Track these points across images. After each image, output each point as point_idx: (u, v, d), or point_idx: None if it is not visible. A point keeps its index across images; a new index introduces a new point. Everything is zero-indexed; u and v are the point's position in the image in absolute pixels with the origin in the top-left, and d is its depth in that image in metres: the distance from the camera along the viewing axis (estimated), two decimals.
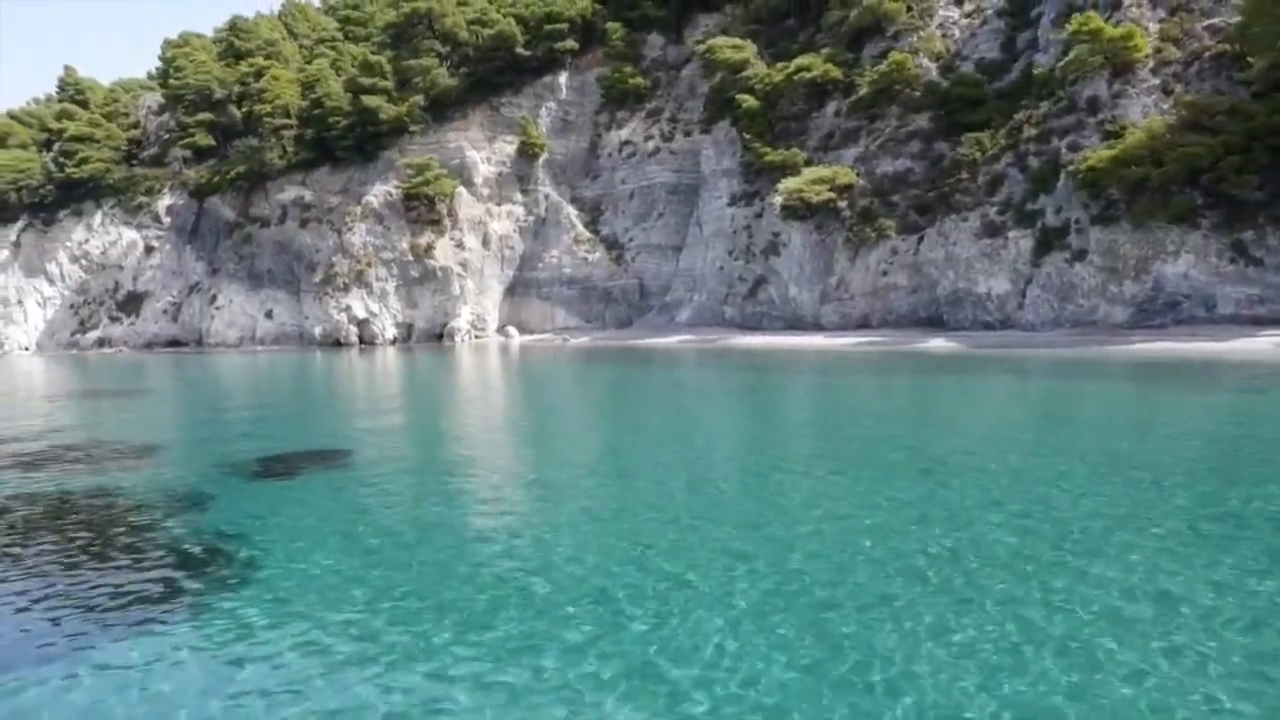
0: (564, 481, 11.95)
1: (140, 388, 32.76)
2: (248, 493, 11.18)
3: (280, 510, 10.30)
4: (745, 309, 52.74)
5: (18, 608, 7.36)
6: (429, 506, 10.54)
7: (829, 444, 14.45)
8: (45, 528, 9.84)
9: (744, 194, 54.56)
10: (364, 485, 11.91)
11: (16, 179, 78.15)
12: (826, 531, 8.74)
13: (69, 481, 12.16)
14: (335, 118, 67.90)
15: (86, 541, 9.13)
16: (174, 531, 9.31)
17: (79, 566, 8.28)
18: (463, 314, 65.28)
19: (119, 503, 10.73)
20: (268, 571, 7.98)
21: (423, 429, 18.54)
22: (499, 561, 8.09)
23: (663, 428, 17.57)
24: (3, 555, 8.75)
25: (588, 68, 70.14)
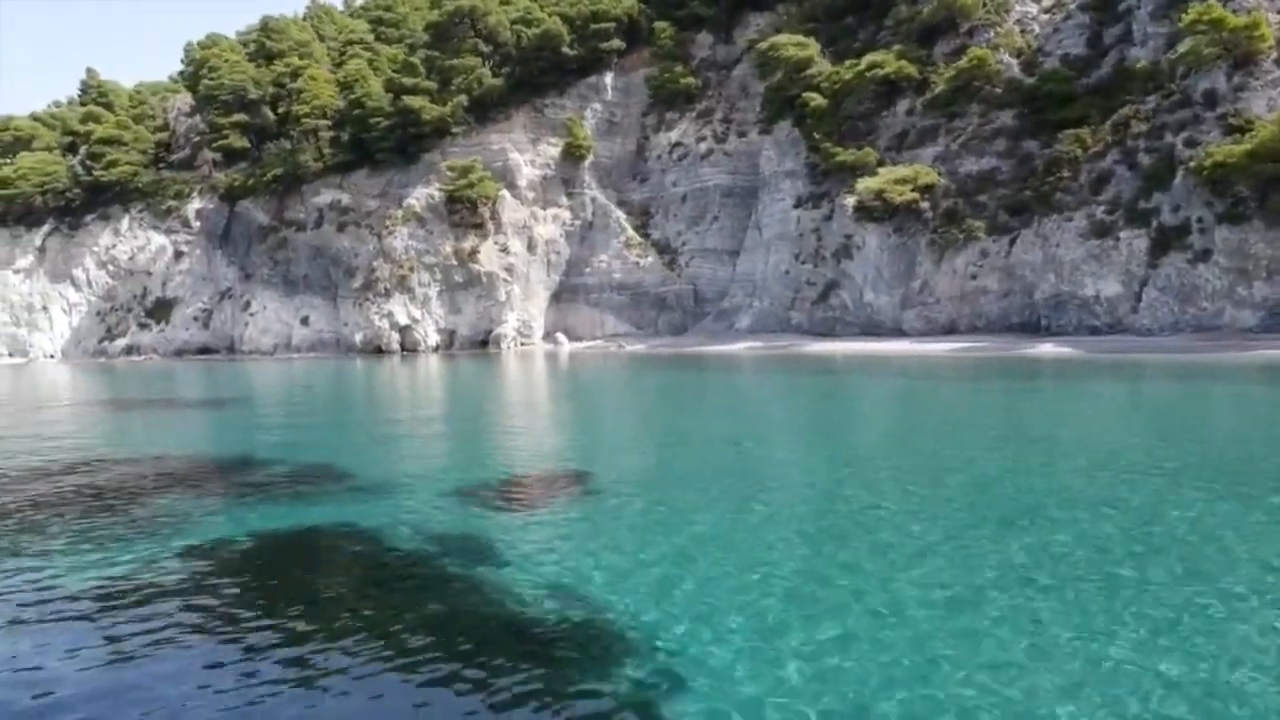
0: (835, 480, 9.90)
1: (221, 397, 30.28)
2: (553, 535, 8.89)
3: (625, 556, 7.89)
4: (815, 314, 50.72)
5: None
6: (792, 527, 8.45)
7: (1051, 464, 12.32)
8: (356, 590, 7.54)
9: (810, 196, 52.62)
10: (688, 512, 9.82)
11: (43, 182, 76.17)
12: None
13: (302, 515, 9.99)
14: (376, 118, 65.98)
15: (416, 611, 6.63)
16: (512, 601, 6.76)
17: (437, 658, 5.83)
18: (509, 321, 63.23)
19: (398, 549, 8.45)
20: (684, 661, 5.61)
21: (633, 442, 16.28)
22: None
23: (889, 441, 15.48)
24: (334, 636, 6.49)
25: (633, 68, 68.38)
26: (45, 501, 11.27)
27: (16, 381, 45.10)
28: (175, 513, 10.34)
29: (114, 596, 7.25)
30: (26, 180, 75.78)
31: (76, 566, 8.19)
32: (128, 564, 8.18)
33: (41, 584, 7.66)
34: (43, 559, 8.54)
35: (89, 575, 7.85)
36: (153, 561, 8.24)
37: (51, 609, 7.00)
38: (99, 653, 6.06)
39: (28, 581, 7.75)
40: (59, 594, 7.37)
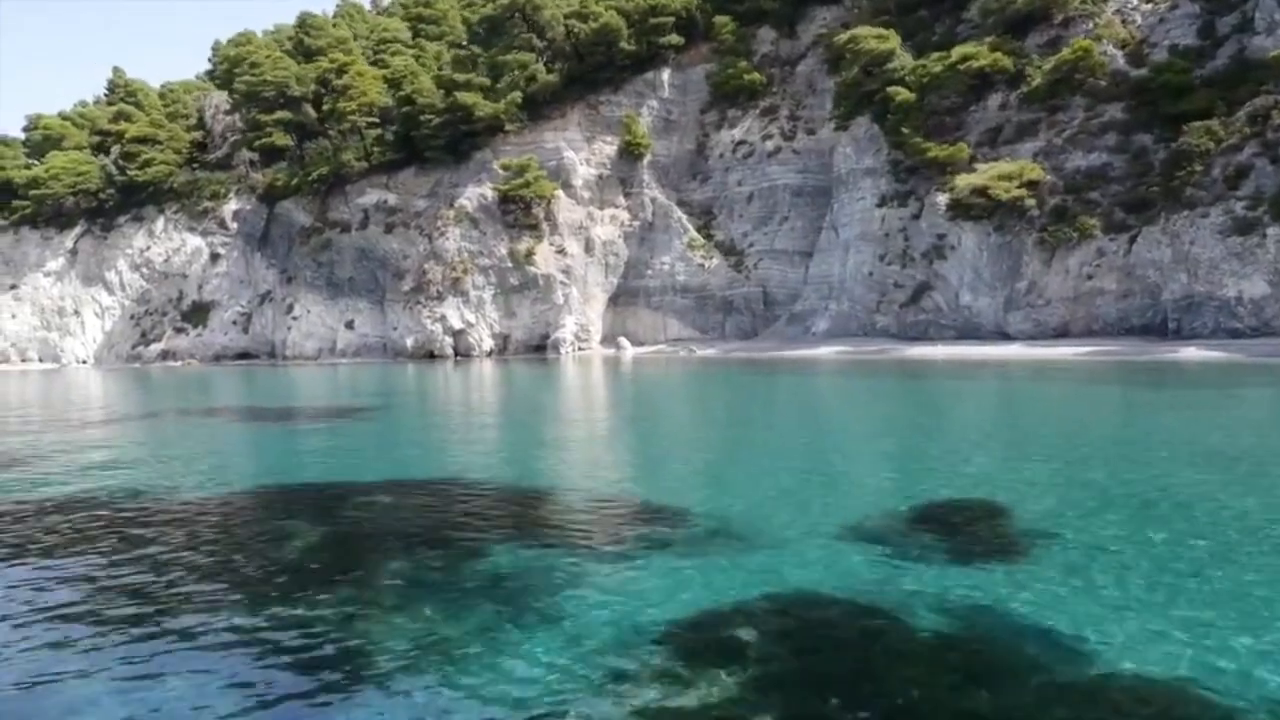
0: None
1: (349, 405, 27.30)
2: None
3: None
4: (904, 317, 48.49)
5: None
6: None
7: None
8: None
9: (895, 194, 50.43)
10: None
11: (75, 183, 73.84)
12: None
13: (750, 580, 7.67)
14: (427, 115, 63.73)
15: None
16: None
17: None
18: (567, 324, 60.90)
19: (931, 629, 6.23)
20: None
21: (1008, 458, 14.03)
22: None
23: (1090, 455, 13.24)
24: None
25: (690, 64, 66.24)
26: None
27: (66, 390, 42.69)
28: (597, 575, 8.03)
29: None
30: (59, 180, 73.48)
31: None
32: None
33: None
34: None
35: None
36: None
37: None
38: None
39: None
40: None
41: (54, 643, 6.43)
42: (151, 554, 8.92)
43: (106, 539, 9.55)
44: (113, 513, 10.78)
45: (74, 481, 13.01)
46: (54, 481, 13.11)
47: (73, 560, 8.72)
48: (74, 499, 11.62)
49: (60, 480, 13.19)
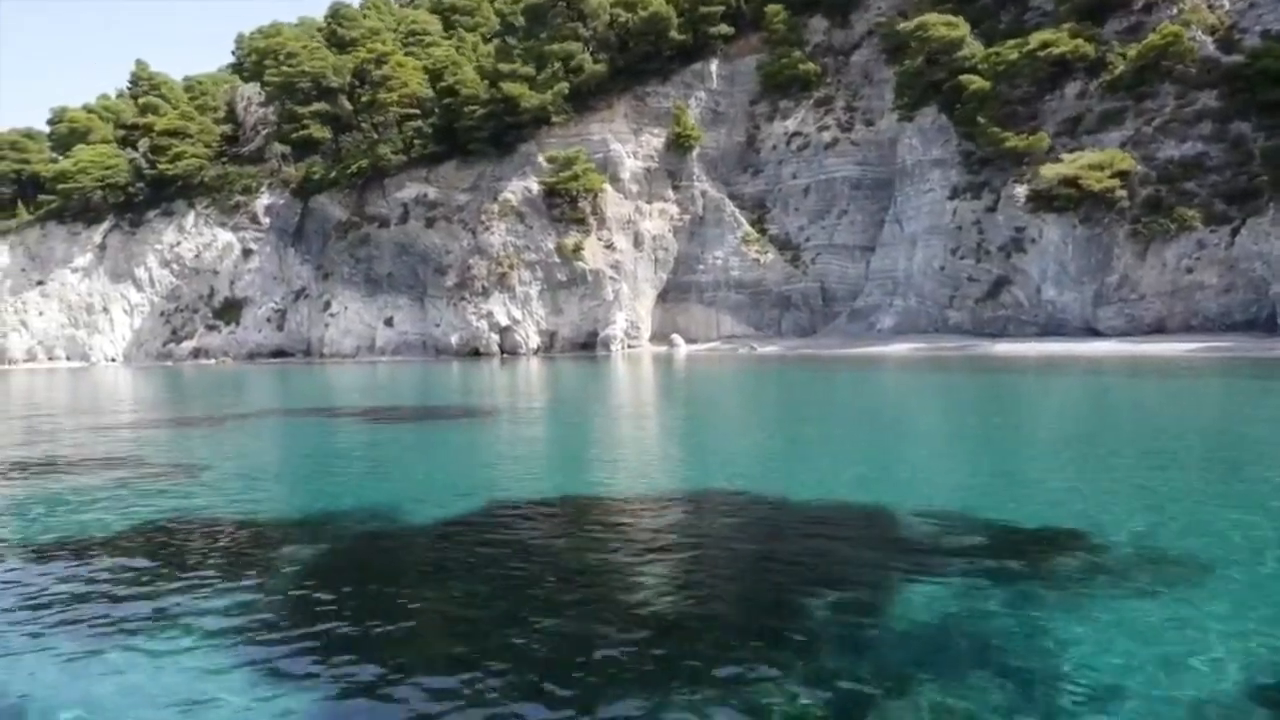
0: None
1: (462, 405, 25.36)
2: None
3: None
4: (980, 313, 46.85)
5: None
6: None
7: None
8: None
9: (968, 185, 48.79)
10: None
11: (103, 177, 72.08)
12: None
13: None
14: (471, 107, 62.04)
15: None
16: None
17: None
18: (617, 321, 59.24)
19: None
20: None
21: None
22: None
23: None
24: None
25: (739, 55, 64.60)
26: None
27: (116, 390, 40.95)
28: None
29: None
30: (87, 174, 71.72)
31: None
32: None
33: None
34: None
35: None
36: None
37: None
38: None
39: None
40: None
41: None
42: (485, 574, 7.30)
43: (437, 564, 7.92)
44: (409, 536, 9.14)
45: (323, 499, 11.34)
46: (282, 498, 11.46)
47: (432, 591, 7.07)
48: (325, 519, 9.97)
49: (322, 498, 11.52)
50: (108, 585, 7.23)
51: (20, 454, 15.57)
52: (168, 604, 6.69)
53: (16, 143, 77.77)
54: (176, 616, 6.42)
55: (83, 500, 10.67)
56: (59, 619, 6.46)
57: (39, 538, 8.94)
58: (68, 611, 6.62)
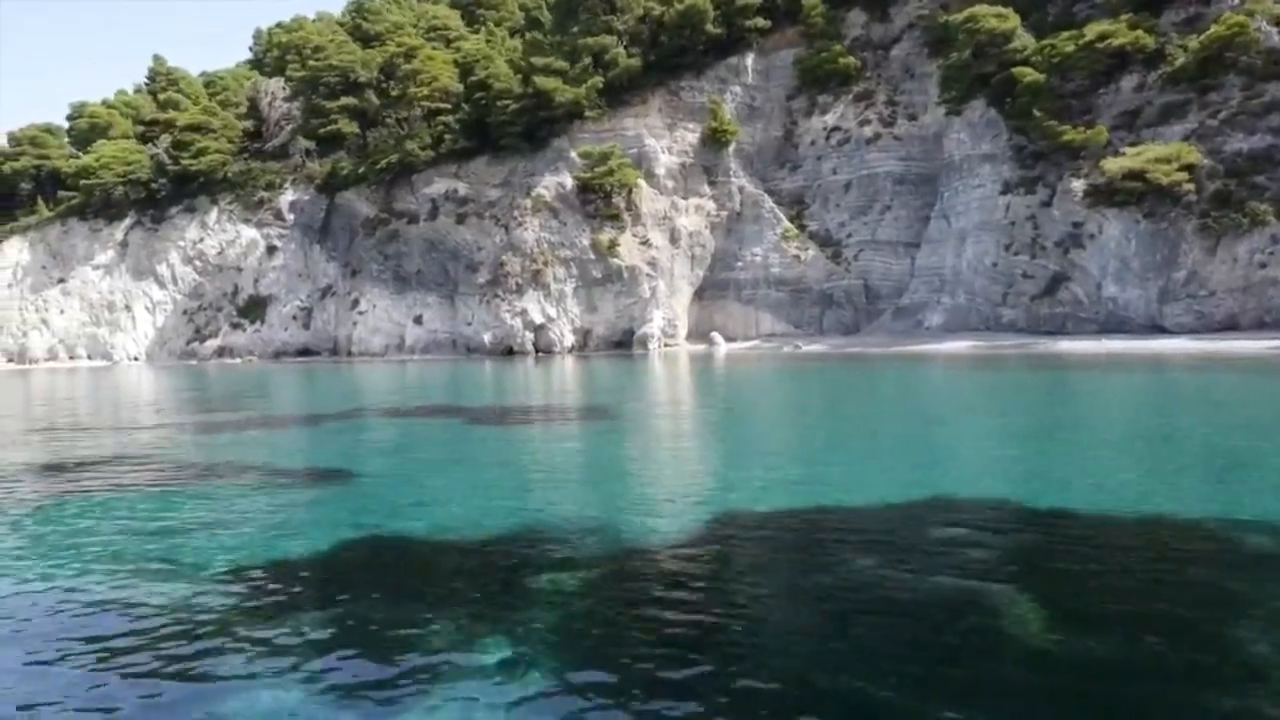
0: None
1: (589, 406, 23.73)
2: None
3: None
4: (1036, 310, 45.82)
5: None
6: None
7: None
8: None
9: (1021, 180, 47.78)
10: None
11: (126, 172, 71.02)
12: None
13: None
14: (504, 101, 60.98)
15: None
16: None
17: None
18: (654, 319, 58.19)
19: None
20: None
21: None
22: None
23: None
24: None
25: (775, 48, 63.52)
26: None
27: (163, 390, 39.81)
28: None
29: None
30: (109, 170, 70.66)
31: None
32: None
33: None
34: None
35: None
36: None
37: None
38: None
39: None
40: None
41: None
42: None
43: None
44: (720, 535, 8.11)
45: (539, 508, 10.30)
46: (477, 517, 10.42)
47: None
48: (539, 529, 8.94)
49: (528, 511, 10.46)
50: (386, 613, 6.21)
51: (164, 465, 14.50)
52: (465, 639, 5.67)
53: (36, 138, 76.72)
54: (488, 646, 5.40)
55: (279, 515, 9.60)
56: (357, 655, 5.43)
57: (259, 557, 7.89)
58: (367, 650, 5.60)
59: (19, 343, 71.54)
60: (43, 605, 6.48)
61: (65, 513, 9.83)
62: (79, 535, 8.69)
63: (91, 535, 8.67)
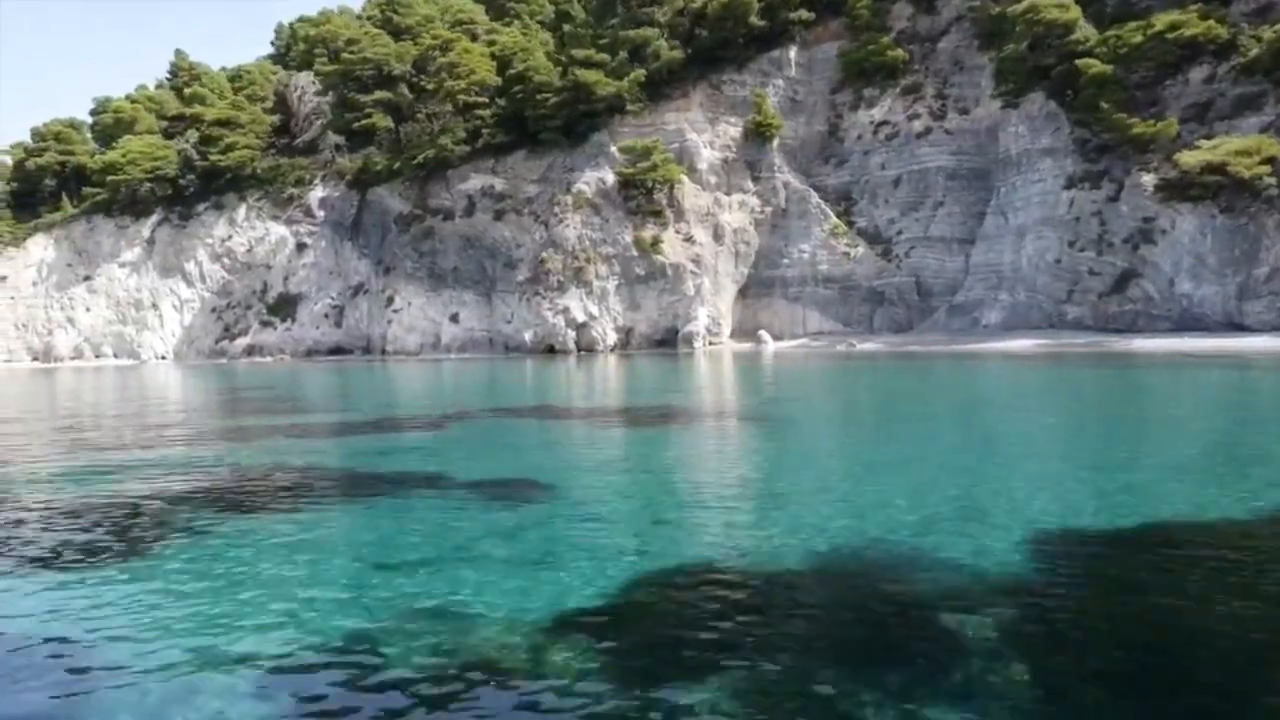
0: None
1: (728, 406, 22.68)
2: None
3: None
4: (1103, 308, 44.75)
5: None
6: None
7: None
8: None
9: (1086, 174, 46.71)
10: None
11: (153, 168, 69.78)
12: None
13: None
14: (544, 94, 59.83)
15: None
16: None
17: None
18: (700, 316, 57.10)
19: None
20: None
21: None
22: None
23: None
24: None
25: (818, 42, 62.43)
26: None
27: (208, 387, 38.57)
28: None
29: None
30: (136, 166, 69.43)
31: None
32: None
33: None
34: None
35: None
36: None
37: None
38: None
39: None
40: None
41: None
42: None
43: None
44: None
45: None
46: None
47: None
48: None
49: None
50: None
51: (339, 479, 13.34)
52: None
53: (60, 134, 75.47)
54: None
55: (529, 543, 8.46)
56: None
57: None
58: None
59: (44, 341, 70.36)
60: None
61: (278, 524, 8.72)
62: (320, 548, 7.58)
63: (378, 546, 7.58)
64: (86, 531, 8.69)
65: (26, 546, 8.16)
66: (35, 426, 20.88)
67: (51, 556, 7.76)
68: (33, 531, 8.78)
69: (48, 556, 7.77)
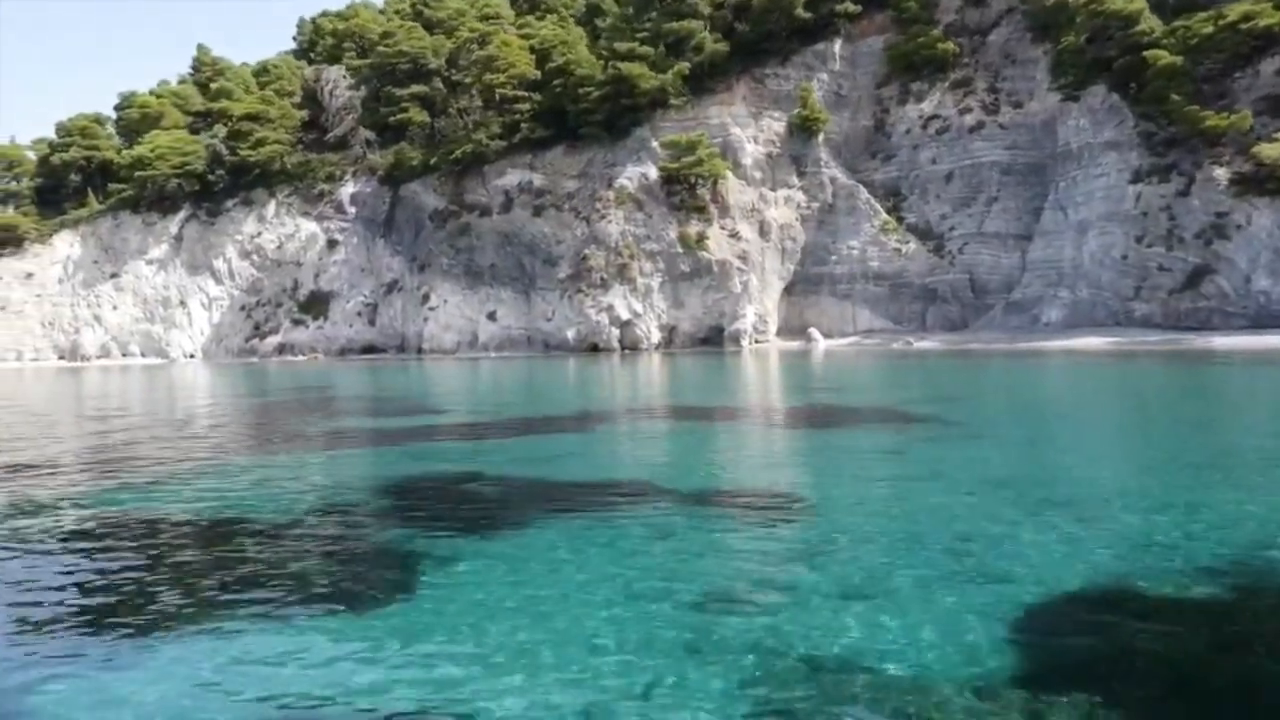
0: None
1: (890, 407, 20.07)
2: None
3: None
4: (1174, 305, 43.67)
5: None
6: None
7: None
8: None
9: (1153, 168, 45.62)
10: None
11: (182, 163, 68.58)
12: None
13: None
14: (586, 88, 58.69)
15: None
16: None
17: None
18: (747, 314, 55.99)
19: None
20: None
21: None
22: None
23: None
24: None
25: (862, 35, 61.35)
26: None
27: (272, 386, 37.40)
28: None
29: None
30: (165, 161, 68.22)
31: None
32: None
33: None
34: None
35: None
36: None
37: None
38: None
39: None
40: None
41: None
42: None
43: None
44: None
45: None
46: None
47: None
48: None
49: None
50: None
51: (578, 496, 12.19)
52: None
53: (86, 129, 74.25)
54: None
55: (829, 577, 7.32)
56: None
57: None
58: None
59: (71, 340, 69.13)
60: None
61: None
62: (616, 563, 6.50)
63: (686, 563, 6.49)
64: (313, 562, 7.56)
65: (272, 581, 7.05)
66: (165, 431, 19.75)
67: (331, 596, 6.65)
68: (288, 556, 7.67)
69: (323, 596, 6.66)
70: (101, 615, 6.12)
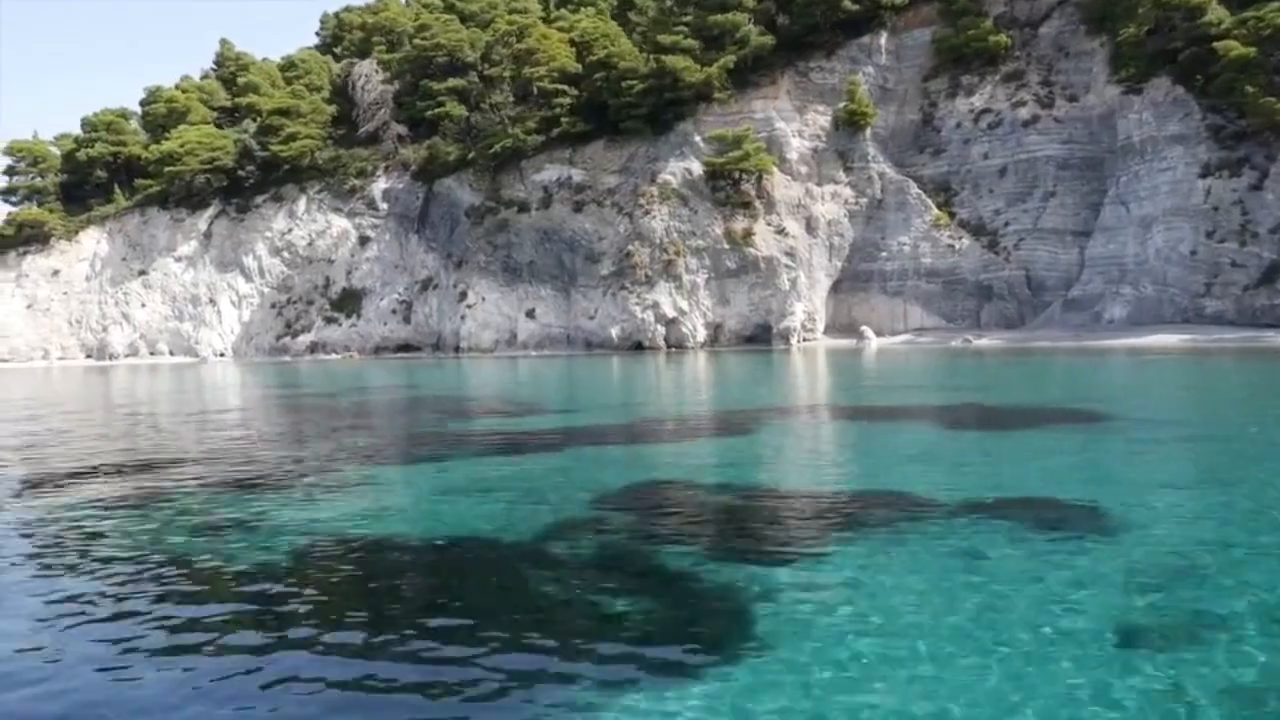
0: None
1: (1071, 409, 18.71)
2: None
3: None
4: (1249, 301, 42.64)
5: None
6: None
7: None
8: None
9: (1223, 162, 44.59)
10: None
11: (211, 159, 67.42)
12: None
13: None
14: (629, 81, 57.57)
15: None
16: None
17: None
18: (796, 312, 54.92)
19: None
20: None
21: None
22: None
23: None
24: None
25: (907, 28, 60.21)
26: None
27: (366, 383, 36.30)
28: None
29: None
30: (194, 156, 67.04)
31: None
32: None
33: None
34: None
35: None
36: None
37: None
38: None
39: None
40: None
41: None
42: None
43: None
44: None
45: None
46: None
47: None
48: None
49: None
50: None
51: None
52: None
53: (112, 124, 73.09)
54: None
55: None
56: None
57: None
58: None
59: (99, 338, 67.99)
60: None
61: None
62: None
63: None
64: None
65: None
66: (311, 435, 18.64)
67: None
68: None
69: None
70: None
